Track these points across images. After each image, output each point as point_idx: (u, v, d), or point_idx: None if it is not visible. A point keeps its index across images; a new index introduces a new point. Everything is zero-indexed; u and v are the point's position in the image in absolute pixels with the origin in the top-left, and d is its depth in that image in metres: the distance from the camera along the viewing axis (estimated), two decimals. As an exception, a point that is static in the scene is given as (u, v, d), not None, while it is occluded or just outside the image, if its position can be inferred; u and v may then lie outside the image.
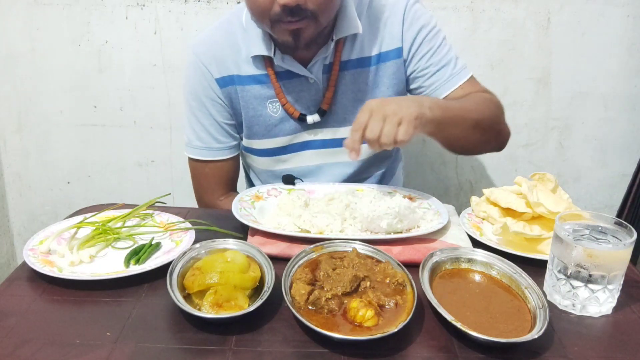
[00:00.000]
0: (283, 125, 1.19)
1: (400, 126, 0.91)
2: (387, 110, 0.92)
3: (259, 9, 1.00)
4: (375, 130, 0.91)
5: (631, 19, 1.72)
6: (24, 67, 1.77)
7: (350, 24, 1.10)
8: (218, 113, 1.19)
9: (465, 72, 1.16)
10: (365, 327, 0.70)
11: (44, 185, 1.94)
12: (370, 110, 0.93)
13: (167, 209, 1.03)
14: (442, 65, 1.15)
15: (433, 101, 1.01)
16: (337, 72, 1.15)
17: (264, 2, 0.98)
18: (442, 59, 1.15)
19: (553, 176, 1.01)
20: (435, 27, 1.16)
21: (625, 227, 0.77)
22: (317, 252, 0.84)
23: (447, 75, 1.15)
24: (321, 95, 1.17)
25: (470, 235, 0.96)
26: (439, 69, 1.15)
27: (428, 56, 1.15)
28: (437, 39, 1.16)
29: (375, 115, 0.93)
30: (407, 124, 0.91)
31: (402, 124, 0.91)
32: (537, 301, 0.74)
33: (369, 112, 0.93)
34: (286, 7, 0.96)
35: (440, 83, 1.15)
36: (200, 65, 1.16)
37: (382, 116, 0.92)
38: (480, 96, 1.13)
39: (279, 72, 1.15)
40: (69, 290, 0.80)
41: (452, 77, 1.15)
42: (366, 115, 0.93)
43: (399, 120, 0.91)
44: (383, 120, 0.92)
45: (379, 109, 0.93)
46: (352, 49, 1.15)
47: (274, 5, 0.98)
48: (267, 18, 1.01)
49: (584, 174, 1.94)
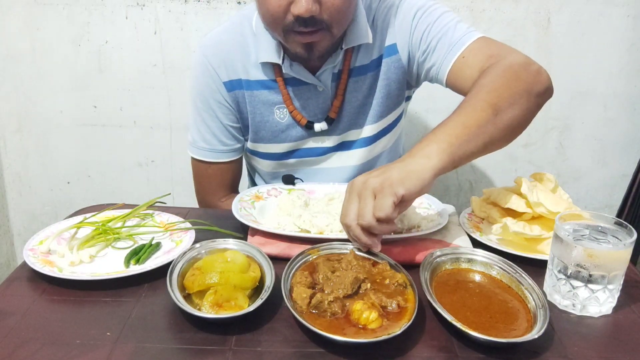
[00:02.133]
0: (290, 131, 1.18)
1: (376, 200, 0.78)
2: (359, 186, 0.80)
3: (271, 18, 0.98)
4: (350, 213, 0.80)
5: (631, 19, 1.72)
6: (24, 67, 1.77)
7: (361, 33, 1.08)
8: (224, 116, 1.18)
9: (467, 37, 1.03)
10: (369, 330, 0.70)
11: (44, 185, 1.94)
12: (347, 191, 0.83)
13: (167, 209, 1.03)
14: (440, 36, 1.05)
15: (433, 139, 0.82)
16: (345, 80, 1.13)
17: (277, 11, 0.96)
18: (439, 31, 1.06)
19: (553, 176, 1.01)
20: (430, 6, 1.09)
21: (625, 227, 0.77)
22: (314, 255, 0.84)
23: (446, 46, 1.04)
24: (329, 103, 1.16)
25: (470, 235, 0.96)
26: (439, 41, 1.06)
27: (426, 34, 1.08)
28: (432, 15, 1.08)
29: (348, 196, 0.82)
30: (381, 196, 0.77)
31: (377, 197, 0.78)
32: (537, 301, 0.74)
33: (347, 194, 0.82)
34: (300, 18, 0.94)
35: (442, 57, 1.05)
36: (209, 68, 1.15)
37: (357, 194, 0.80)
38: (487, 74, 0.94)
39: (287, 79, 1.13)
40: (69, 290, 0.80)
41: (452, 46, 1.04)
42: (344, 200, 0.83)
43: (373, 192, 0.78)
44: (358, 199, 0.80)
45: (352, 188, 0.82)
46: (358, 55, 1.13)
47: (287, 15, 0.96)
48: (280, 27, 0.99)
49: (584, 174, 1.94)
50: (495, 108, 0.86)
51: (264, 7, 0.98)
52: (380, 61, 1.15)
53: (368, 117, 1.19)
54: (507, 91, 0.89)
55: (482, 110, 0.86)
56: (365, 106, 1.18)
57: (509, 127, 0.89)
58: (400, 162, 0.81)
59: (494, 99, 0.87)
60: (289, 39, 1.01)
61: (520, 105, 0.90)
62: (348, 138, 1.21)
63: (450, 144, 0.81)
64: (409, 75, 1.17)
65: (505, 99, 0.88)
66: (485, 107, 0.86)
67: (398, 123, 1.26)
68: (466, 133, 0.83)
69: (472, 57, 1.02)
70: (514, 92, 0.89)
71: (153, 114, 1.82)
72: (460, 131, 0.83)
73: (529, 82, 0.93)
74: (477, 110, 0.86)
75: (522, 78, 0.92)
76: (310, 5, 0.93)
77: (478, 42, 1.03)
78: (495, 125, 0.86)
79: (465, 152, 0.83)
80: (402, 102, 1.23)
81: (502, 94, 0.88)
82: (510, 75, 0.92)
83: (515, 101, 0.89)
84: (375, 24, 1.13)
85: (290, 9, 0.95)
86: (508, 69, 0.94)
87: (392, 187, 0.77)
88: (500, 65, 0.95)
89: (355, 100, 1.16)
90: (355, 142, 1.21)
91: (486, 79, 0.93)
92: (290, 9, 0.95)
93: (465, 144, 0.83)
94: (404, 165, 0.80)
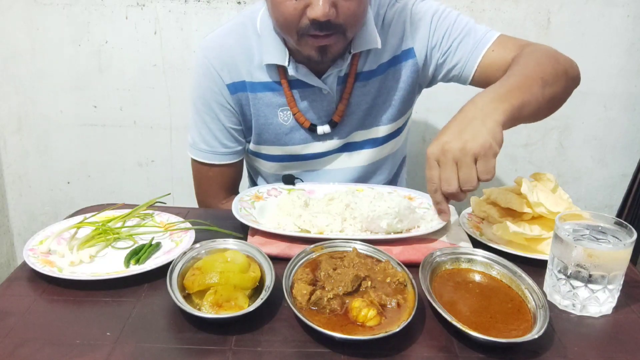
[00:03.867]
0: (293, 134, 1.18)
1: (478, 163, 0.79)
2: (454, 151, 0.79)
3: (286, 21, 0.97)
4: (451, 182, 0.80)
5: (631, 19, 1.72)
6: (24, 67, 1.78)
7: (370, 38, 1.08)
8: (226, 118, 1.17)
9: (491, 35, 1.08)
10: (367, 327, 0.70)
11: (44, 185, 1.94)
12: (437, 159, 0.82)
13: (167, 209, 1.03)
14: (462, 36, 1.09)
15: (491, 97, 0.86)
16: (351, 84, 1.13)
17: (292, 14, 0.96)
18: (462, 32, 1.10)
19: (553, 176, 1.01)
20: (444, 10, 1.13)
21: (625, 227, 0.77)
22: (317, 252, 0.84)
23: (471, 44, 1.09)
24: (334, 107, 1.15)
25: (470, 235, 0.96)
26: (461, 42, 1.10)
27: (447, 35, 1.11)
28: (450, 18, 1.11)
29: (444, 164, 0.81)
30: (485, 158, 0.79)
31: (480, 159, 0.79)
32: (537, 301, 0.74)
33: (435, 163, 0.82)
34: (316, 22, 0.94)
35: (467, 54, 1.09)
36: (212, 70, 1.13)
37: (452, 161, 0.80)
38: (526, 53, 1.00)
39: (292, 81, 1.13)
40: (69, 290, 0.80)
41: (477, 43, 1.08)
42: (434, 168, 0.82)
43: (473, 157, 0.79)
44: (455, 166, 0.80)
45: (445, 154, 0.80)
46: (366, 61, 1.13)
47: (302, 19, 0.96)
48: (294, 31, 0.98)
49: (584, 174, 1.94)
50: (543, 80, 0.92)
51: (278, 10, 0.98)
52: (392, 64, 1.15)
53: (381, 118, 1.19)
54: (551, 69, 0.96)
55: (534, 80, 0.92)
56: (374, 108, 1.17)
57: (552, 101, 0.96)
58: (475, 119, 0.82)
59: (541, 73, 0.93)
60: (303, 42, 1.00)
61: (561, 83, 0.97)
62: (355, 139, 1.20)
63: (511, 104, 0.85)
64: (422, 79, 1.18)
65: (551, 74, 0.94)
66: (536, 77, 0.92)
67: (406, 125, 1.28)
68: (522, 98, 0.87)
69: (502, 49, 1.07)
70: (556, 70, 0.96)
71: (153, 114, 1.83)
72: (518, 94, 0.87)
73: (567, 65, 1.00)
74: (529, 78, 0.92)
75: (560, 61, 1.00)
76: (328, 10, 0.93)
77: (502, 37, 1.09)
78: (543, 95, 0.92)
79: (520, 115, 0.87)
80: (413, 104, 1.24)
81: (547, 69, 0.95)
82: (551, 56, 1.00)
83: (558, 79, 0.96)
84: (384, 28, 1.13)
85: (307, 13, 0.95)
86: (546, 52, 1.01)
87: (491, 148, 0.79)
88: (539, 48, 1.02)
89: (364, 104, 1.16)
90: (363, 143, 1.21)
91: (529, 56, 0.99)
92: (307, 12, 0.95)
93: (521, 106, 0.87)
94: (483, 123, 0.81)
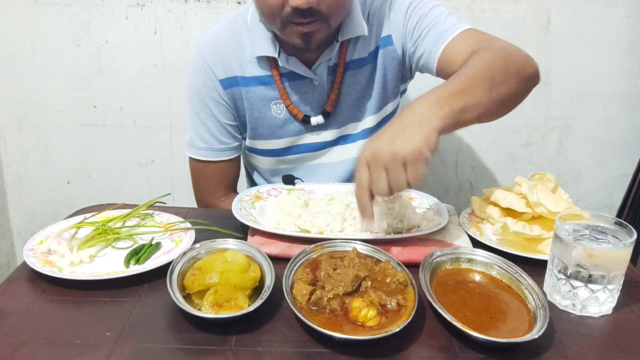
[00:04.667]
0: (287, 126, 1.19)
1: (408, 169, 0.78)
2: (385, 157, 0.78)
3: (269, 10, 0.99)
4: (381, 185, 0.79)
5: (631, 19, 1.72)
6: (24, 67, 1.77)
7: (357, 26, 1.10)
8: (221, 114, 1.19)
9: (457, 27, 1.06)
10: (367, 327, 0.70)
11: (44, 185, 1.94)
12: (366, 162, 0.81)
13: (167, 209, 1.03)
14: (431, 27, 1.09)
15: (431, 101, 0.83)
16: (341, 73, 1.15)
17: (274, 3, 0.97)
18: (431, 22, 1.09)
19: (553, 176, 1.01)
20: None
21: (625, 227, 0.77)
22: (317, 252, 0.84)
23: (436, 35, 1.07)
24: (325, 97, 1.17)
25: (470, 235, 0.96)
26: (429, 32, 1.09)
27: (418, 25, 1.11)
28: (424, 8, 1.11)
29: (374, 166, 0.80)
30: (414, 165, 0.78)
31: (409, 166, 0.78)
32: (537, 301, 0.74)
33: (365, 165, 0.81)
34: (298, 9, 0.95)
35: (431, 44, 1.08)
36: (205, 67, 1.15)
37: (382, 164, 0.79)
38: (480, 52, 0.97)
39: (283, 74, 1.14)
40: (69, 290, 0.80)
41: (442, 35, 1.06)
42: (364, 170, 0.81)
43: (402, 163, 0.78)
44: (384, 169, 0.79)
45: (375, 157, 0.80)
46: (355, 49, 1.15)
47: (285, 7, 0.97)
48: (278, 19, 1.00)
49: (584, 174, 1.94)
50: (490, 82, 0.88)
51: (261, 0, 1.00)
52: (377, 53, 1.16)
53: (368, 108, 1.20)
54: (501, 69, 0.91)
55: (480, 82, 0.88)
56: (364, 98, 1.19)
57: (502, 102, 0.92)
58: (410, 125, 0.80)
59: (489, 74, 0.89)
60: (287, 31, 1.01)
61: (512, 83, 0.92)
62: (347, 131, 1.21)
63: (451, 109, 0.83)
64: (404, 68, 1.19)
65: (500, 75, 0.90)
66: (482, 80, 0.88)
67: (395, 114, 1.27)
68: (464, 102, 0.84)
69: (462, 43, 1.04)
70: (507, 70, 0.92)
71: (153, 114, 1.82)
72: (460, 98, 0.84)
73: (520, 64, 0.96)
74: (475, 80, 0.88)
75: (514, 59, 0.95)
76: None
77: (467, 31, 1.06)
78: (489, 98, 0.88)
79: (461, 119, 0.85)
80: (398, 93, 1.24)
81: (496, 69, 0.91)
82: (503, 55, 0.95)
83: (508, 79, 0.91)
84: (370, 17, 1.15)
85: (289, 1, 0.96)
86: (501, 50, 0.97)
87: (422, 155, 0.78)
88: (493, 47, 0.98)
89: (355, 93, 1.17)
90: (355, 134, 1.22)
91: (481, 55, 0.95)
92: (289, 1, 0.96)
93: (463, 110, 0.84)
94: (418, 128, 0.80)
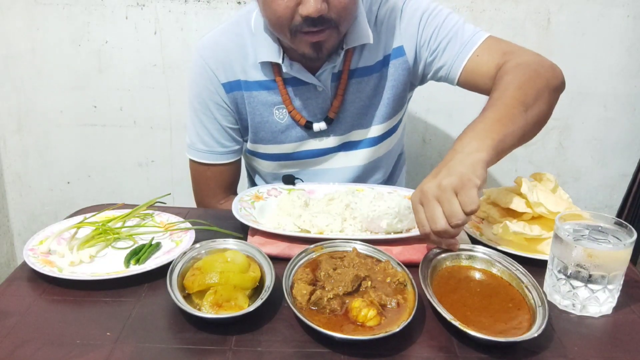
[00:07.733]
0: (289, 132, 1.18)
1: (459, 196, 0.78)
2: (433, 190, 0.80)
3: (278, 19, 0.98)
4: (437, 219, 0.79)
5: (631, 19, 1.72)
6: (24, 67, 1.77)
7: (362, 33, 1.09)
8: (223, 117, 1.18)
9: (477, 37, 1.08)
10: (367, 327, 0.70)
11: (44, 185, 1.94)
12: (420, 202, 0.82)
13: (167, 209, 1.03)
14: (450, 37, 1.09)
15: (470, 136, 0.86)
16: (345, 80, 1.14)
17: (284, 12, 0.96)
18: (449, 32, 1.09)
19: (553, 176, 1.01)
20: (435, 8, 1.12)
21: (625, 227, 0.77)
22: (317, 252, 0.84)
23: (458, 47, 1.08)
24: (329, 104, 1.16)
25: (470, 235, 0.96)
26: (448, 43, 1.09)
27: (435, 36, 1.10)
28: (439, 17, 1.11)
29: (425, 202, 0.81)
30: (464, 190, 0.78)
31: (460, 192, 0.79)
32: (536, 299, 0.74)
33: (420, 206, 0.82)
34: (308, 18, 0.94)
35: (453, 57, 1.09)
36: (207, 69, 1.14)
37: (432, 197, 0.80)
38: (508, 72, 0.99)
39: (286, 79, 1.13)
40: (69, 290, 0.80)
41: (463, 47, 1.08)
42: (420, 212, 0.82)
43: (452, 191, 0.79)
44: (436, 202, 0.80)
45: (425, 195, 0.81)
46: (360, 57, 1.14)
47: (295, 16, 0.96)
48: (287, 29, 0.98)
49: (584, 174, 1.94)
50: (524, 105, 0.92)
51: (269, 9, 0.98)
52: (385, 63, 1.15)
53: (375, 117, 1.19)
54: (532, 88, 0.95)
55: (514, 107, 0.91)
56: (370, 107, 1.18)
57: (537, 121, 0.96)
58: (453, 160, 0.83)
59: (522, 97, 0.93)
60: (297, 40, 1.00)
61: (543, 100, 0.96)
62: (352, 138, 1.21)
63: (492, 139, 0.85)
64: (413, 77, 1.18)
65: (531, 95, 0.94)
66: (516, 104, 0.92)
67: (401, 123, 1.28)
68: (503, 130, 0.87)
69: (486, 55, 1.06)
70: (537, 88, 0.95)
71: (153, 114, 1.82)
72: (499, 128, 0.88)
73: (548, 78, 0.99)
74: (509, 107, 0.91)
75: (541, 75, 0.98)
76: (319, 5, 0.93)
77: (488, 41, 1.08)
78: (526, 120, 0.92)
79: (504, 147, 0.88)
80: (406, 102, 1.24)
81: (527, 91, 0.94)
82: (531, 73, 0.97)
83: (540, 97, 0.95)
84: (377, 26, 1.13)
85: (299, 10, 0.95)
86: (527, 67, 0.99)
87: (470, 180, 0.79)
88: (519, 64, 1.00)
89: (359, 101, 1.16)
90: (360, 142, 1.21)
91: (509, 76, 0.98)
92: (299, 9, 0.95)
93: (504, 139, 0.87)
94: (461, 161, 0.82)
